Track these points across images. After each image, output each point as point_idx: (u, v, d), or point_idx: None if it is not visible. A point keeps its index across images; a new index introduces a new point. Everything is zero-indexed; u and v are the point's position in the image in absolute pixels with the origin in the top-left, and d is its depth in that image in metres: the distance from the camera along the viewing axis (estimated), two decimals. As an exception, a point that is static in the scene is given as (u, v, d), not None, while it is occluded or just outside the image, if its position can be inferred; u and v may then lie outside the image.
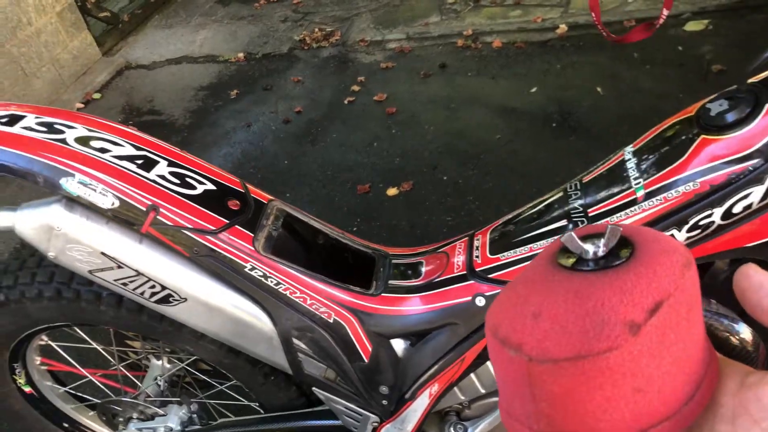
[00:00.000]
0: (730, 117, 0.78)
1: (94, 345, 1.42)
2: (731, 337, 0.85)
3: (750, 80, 0.80)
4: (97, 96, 3.82)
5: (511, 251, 0.97)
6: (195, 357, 1.44)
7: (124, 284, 1.04)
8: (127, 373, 1.45)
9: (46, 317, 1.22)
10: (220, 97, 3.56)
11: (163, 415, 1.40)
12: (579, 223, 0.91)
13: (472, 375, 1.06)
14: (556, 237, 0.93)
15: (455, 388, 1.08)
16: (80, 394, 1.59)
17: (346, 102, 3.30)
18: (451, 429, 1.14)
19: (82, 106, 3.68)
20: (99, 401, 1.48)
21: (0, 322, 1.24)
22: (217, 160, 3.10)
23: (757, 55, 0.78)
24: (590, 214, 0.90)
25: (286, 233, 1.11)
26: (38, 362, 1.48)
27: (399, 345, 1.09)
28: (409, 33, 3.73)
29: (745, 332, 0.85)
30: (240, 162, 3.06)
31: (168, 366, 1.48)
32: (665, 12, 0.97)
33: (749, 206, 0.79)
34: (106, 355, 1.47)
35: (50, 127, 1.01)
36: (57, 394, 1.57)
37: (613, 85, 2.99)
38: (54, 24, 3.76)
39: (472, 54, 3.48)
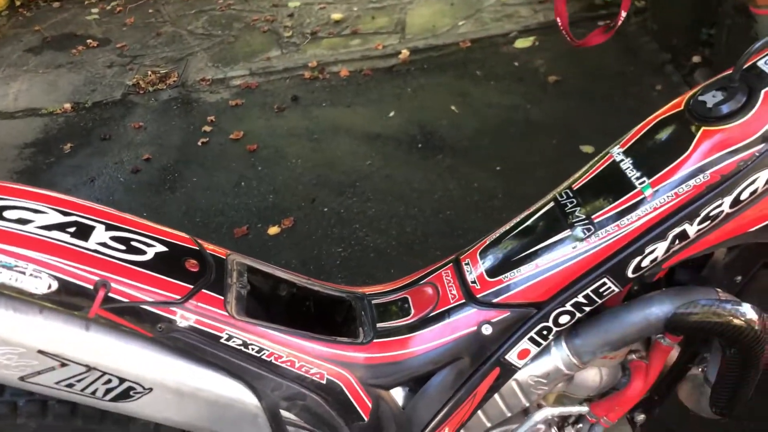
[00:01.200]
0: (727, 107, 0.81)
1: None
2: (737, 320, 0.87)
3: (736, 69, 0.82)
4: None
5: (515, 270, 0.92)
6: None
7: (70, 385, 0.83)
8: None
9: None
10: (51, 152, 3.16)
11: None
12: (586, 230, 0.88)
13: (479, 411, 0.99)
14: (561, 248, 0.89)
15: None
16: None
17: (199, 143, 3.09)
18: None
19: None
20: None
21: None
22: (61, 224, 2.72)
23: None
24: (596, 220, 0.88)
25: (253, 289, 0.96)
26: None
27: (400, 393, 0.99)
28: (251, 68, 3.61)
29: (750, 313, 0.87)
30: (89, 222, 2.71)
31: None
32: (623, 13, 0.99)
33: (755, 191, 0.82)
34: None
35: (-56, 202, 0.78)
36: None
37: (465, 103, 3.12)
38: None
39: (322, 84, 3.44)
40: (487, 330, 0.93)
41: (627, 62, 3.14)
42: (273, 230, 2.51)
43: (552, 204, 0.95)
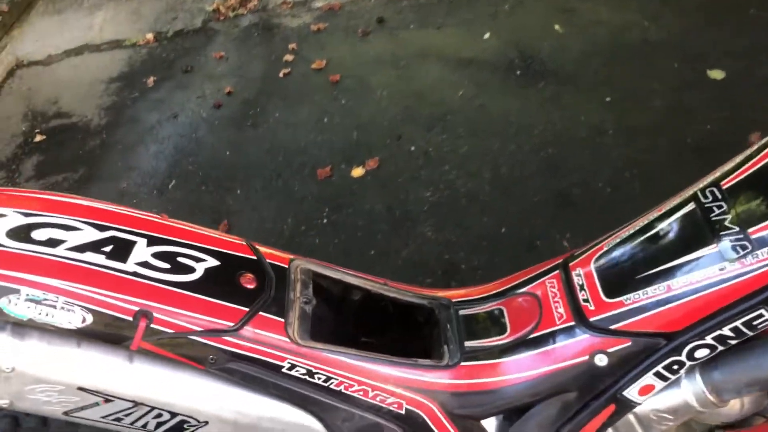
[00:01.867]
0: None
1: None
2: None
3: None
4: (-13, 105, 3.30)
5: (640, 291, 0.73)
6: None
7: (118, 420, 0.74)
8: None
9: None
10: (136, 87, 3.13)
11: None
12: (740, 248, 0.67)
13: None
14: (704, 268, 0.69)
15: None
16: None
17: (281, 75, 2.95)
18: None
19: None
20: None
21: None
22: (148, 161, 2.72)
23: None
24: (753, 236, 0.67)
25: (319, 302, 0.83)
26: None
27: (492, 424, 0.85)
28: (335, -13, 3.37)
29: None
30: (175, 160, 2.69)
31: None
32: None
33: None
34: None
35: (-36, 223, 0.68)
36: None
37: (570, 21, 2.77)
38: None
39: (410, 3, 3.17)
40: (601, 361, 0.76)
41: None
42: (357, 172, 2.37)
43: (692, 205, 0.74)
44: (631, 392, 0.76)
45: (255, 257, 0.81)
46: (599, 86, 2.41)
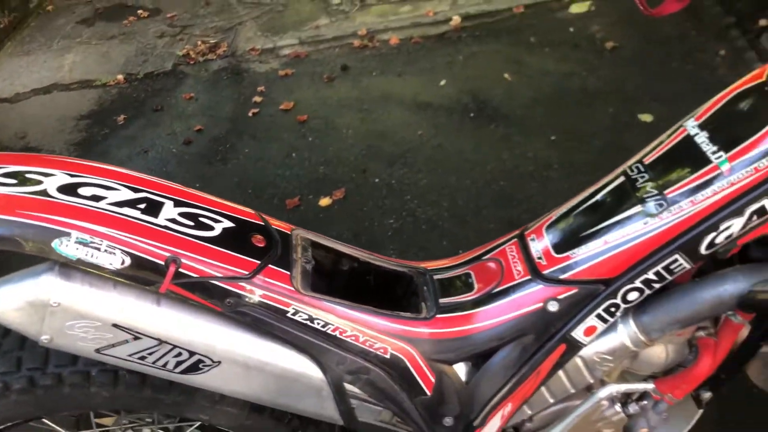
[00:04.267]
0: (817, 78, 0.76)
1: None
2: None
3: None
4: (-47, 140, 3.33)
5: (582, 247, 0.90)
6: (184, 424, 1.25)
7: (142, 358, 0.85)
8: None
9: (13, 415, 0.99)
10: (106, 124, 3.23)
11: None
12: (658, 206, 0.85)
13: (542, 387, 0.99)
14: (632, 223, 0.87)
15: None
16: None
17: (250, 114, 3.11)
18: (515, 447, 1.06)
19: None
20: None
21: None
22: (119, 194, 2.79)
23: None
24: (668, 195, 0.85)
25: (317, 264, 0.97)
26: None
27: (462, 369, 0.99)
28: (301, 38, 3.59)
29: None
30: (146, 193, 2.77)
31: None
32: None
33: None
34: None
35: (22, 178, 0.81)
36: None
37: (519, 71, 3.04)
38: None
39: (372, 53, 3.41)
40: (553, 306, 0.91)
41: (689, 26, 3.00)
42: (324, 201, 2.52)
43: (622, 178, 0.92)
44: (578, 333, 0.92)
45: (263, 223, 0.95)
46: (545, 127, 2.65)
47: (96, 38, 3.99)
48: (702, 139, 0.85)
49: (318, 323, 0.89)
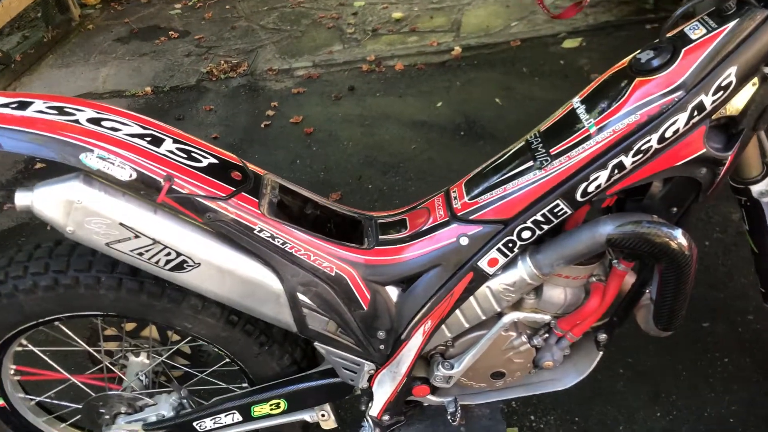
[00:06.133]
0: (656, 62, 1.01)
1: (79, 342, 1.44)
2: (671, 243, 1.07)
3: (666, 35, 1.03)
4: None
5: (488, 194, 1.15)
6: (175, 348, 1.49)
7: (140, 254, 1.11)
8: (114, 369, 1.47)
9: (39, 311, 1.24)
10: (133, 128, 3.53)
11: (153, 404, 1.44)
12: (544, 161, 1.10)
13: (458, 311, 1.22)
14: (525, 176, 1.11)
15: (443, 326, 1.23)
16: (55, 402, 1.57)
17: (262, 126, 3.41)
18: (439, 367, 1.28)
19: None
20: (78, 405, 1.49)
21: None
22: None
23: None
24: (552, 153, 1.09)
25: (283, 201, 1.22)
26: (12, 371, 1.47)
27: (393, 291, 1.22)
28: (315, 61, 3.91)
29: (681, 238, 1.07)
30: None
31: (147, 362, 1.52)
32: (589, -8, 1.20)
33: (677, 131, 1.01)
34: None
35: (61, 111, 1.08)
36: (28, 407, 1.55)
37: (509, 96, 3.31)
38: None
39: (378, 77, 3.71)
40: (464, 241, 1.15)
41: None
42: (321, 201, 2.78)
43: (523, 143, 1.18)
44: (483, 263, 1.15)
45: (241, 164, 1.21)
46: (527, 146, 2.90)
47: (129, 55, 4.36)
48: (581, 110, 1.11)
49: (278, 241, 1.14)
